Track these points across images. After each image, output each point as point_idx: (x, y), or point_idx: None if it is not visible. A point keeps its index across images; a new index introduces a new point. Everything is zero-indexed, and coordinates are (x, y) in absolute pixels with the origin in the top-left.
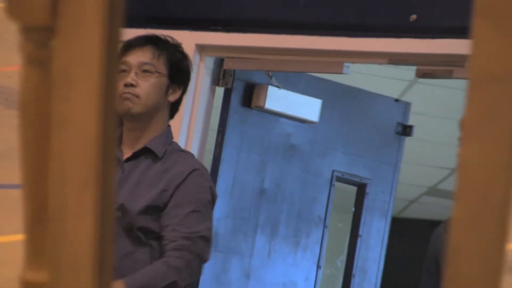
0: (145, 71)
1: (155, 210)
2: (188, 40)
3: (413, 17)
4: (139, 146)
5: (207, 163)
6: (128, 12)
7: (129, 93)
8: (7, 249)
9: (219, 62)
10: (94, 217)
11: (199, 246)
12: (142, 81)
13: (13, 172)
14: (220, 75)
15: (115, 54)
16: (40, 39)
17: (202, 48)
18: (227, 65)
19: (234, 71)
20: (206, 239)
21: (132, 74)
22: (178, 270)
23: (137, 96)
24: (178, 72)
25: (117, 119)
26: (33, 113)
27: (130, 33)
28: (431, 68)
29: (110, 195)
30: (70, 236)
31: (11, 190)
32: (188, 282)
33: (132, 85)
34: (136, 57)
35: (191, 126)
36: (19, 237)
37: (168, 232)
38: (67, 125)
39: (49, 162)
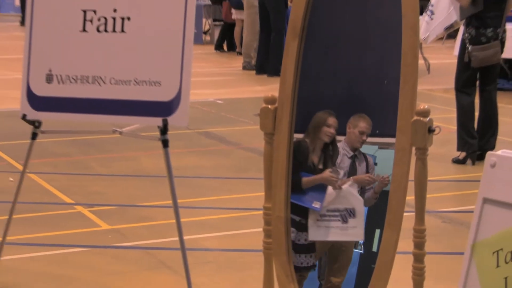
0: None
1: None
2: None
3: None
4: None
5: None
6: None
7: None
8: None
9: None
10: (284, 186)
11: None
12: None
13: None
14: None
15: (292, 134)
16: (270, 136)
17: None
18: None
19: None
20: None
21: None
22: None
23: None
24: None
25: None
26: (268, 154)
27: None
28: None
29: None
30: (277, 190)
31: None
32: None
33: None
34: None
35: None
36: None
37: None
38: (278, 152)
39: (273, 163)
